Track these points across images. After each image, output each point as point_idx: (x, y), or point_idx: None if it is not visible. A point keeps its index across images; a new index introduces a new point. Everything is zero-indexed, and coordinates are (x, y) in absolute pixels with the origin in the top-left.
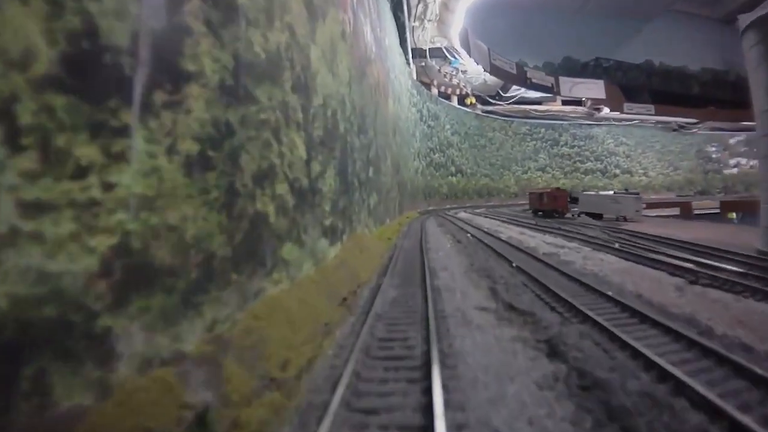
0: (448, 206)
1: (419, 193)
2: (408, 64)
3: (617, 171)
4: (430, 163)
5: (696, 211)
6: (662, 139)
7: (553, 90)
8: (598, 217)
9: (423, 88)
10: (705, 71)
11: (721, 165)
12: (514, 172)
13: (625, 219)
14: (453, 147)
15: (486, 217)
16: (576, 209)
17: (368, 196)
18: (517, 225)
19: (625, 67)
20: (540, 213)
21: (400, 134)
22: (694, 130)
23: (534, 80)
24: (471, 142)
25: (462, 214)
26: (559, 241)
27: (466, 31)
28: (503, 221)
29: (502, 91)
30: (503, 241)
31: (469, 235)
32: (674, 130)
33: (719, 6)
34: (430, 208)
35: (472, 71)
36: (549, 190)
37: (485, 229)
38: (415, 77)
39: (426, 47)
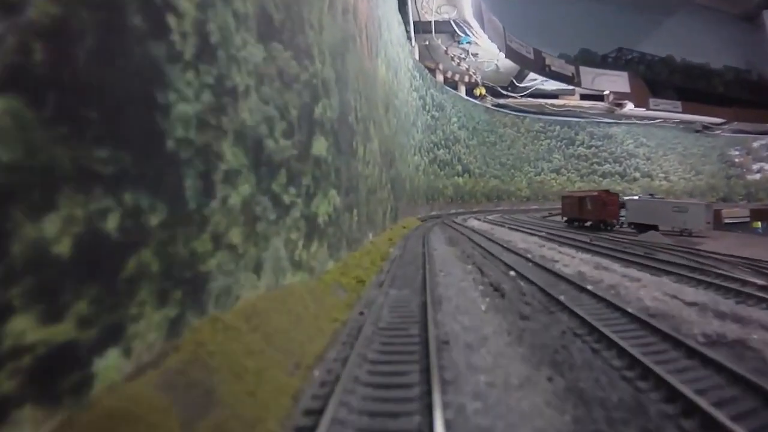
0: (453, 210)
1: (420, 194)
2: (409, 39)
3: (637, 174)
4: (433, 159)
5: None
6: (684, 140)
7: (573, 80)
8: (649, 229)
9: (426, 72)
10: (728, 69)
11: (744, 170)
12: (527, 174)
13: (690, 234)
14: (460, 143)
15: (509, 227)
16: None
17: (321, 194)
18: (562, 243)
19: (648, 60)
20: (577, 223)
21: (396, 116)
22: (718, 132)
23: (553, 68)
24: (480, 138)
25: (474, 222)
26: (684, 289)
27: (480, 3)
28: (539, 236)
29: (516, 80)
30: (588, 291)
31: (511, 272)
32: (697, 131)
33: (740, 2)
34: (433, 212)
35: (484, 54)
36: (595, 194)
37: (530, 255)
38: (417, 57)
39: (431, 18)
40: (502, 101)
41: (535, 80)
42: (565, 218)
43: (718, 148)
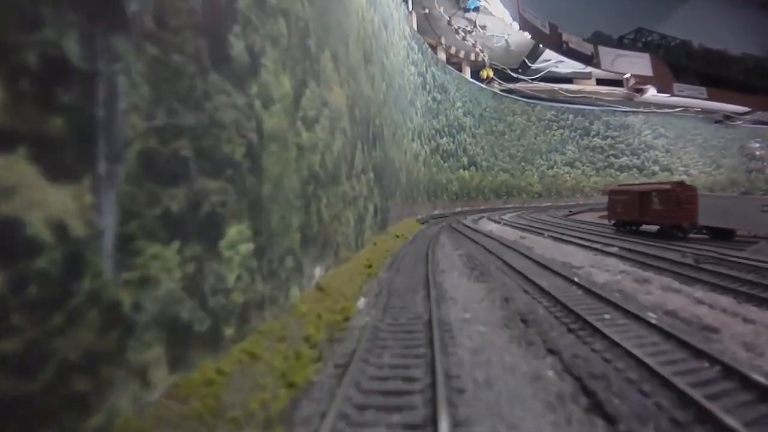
0: (459, 209)
1: (421, 190)
2: (405, 1)
3: (656, 168)
4: (435, 149)
5: None
6: (704, 131)
7: (592, 60)
8: (721, 234)
9: (426, 46)
10: (747, 57)
11: (765, 164)
12: (538, 167)
13: None
14: (465, 131)
15: (539, 233)
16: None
17: None
18: (650, 266)
19: (668, 43)
20: (631, 227)
21: (385, 79)
22: (738, 123)
23: (571, 45)
24: (487, 127)
25: (490, 226)
26: None
27: None
28: (599, 250)
29: (529, 60)
30: None
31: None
32: (717, 121)
33: None
34: (436, 212)
35: (493, 26)
36: (666, 187)
37: (652, 314)
38: (415, 27)
39: None
40: (511, 86)
41: (549, 60)
42: (612, 221)
43: (738, 140)
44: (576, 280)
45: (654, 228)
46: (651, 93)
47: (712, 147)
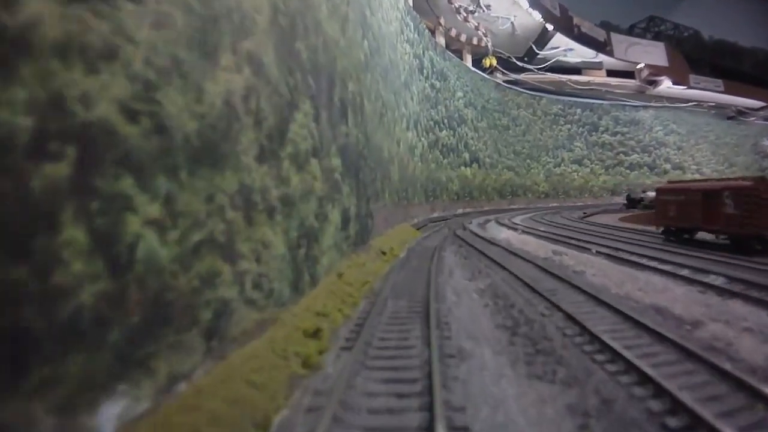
0: (460, 211)
1: (418, 189)
2: None
3: (667, 166)
4: (434, 143)
5: None
6: (716, 128)
7: (605, 47)
8: None
9: (423, 26)
10: (758, 50)
11: None
12: (544, 165)
13: None
14: (467, 124)
15: (569, 243)
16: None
17: None
18: None
19: (681, 33)
20: (687, 236)
21: (372, 46)
22: (752, 119)
23: (583, 29)
24: (490, 120)
25: (505, 234)
26: None
27: None
28: (689, 281)
29: (537, 46)
30: None
31: None
32: (729, 117)
33: None
34: (435, 214)
35: (498, 6)
36: (747, 184)
37: None
38: (411, 3)
39: None
40: (515, 77)
41: (557, 48)
42: (661, 228)
43: (751, 137)
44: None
45: (708, 236)
46: (666, 85)
47: (725, 144)
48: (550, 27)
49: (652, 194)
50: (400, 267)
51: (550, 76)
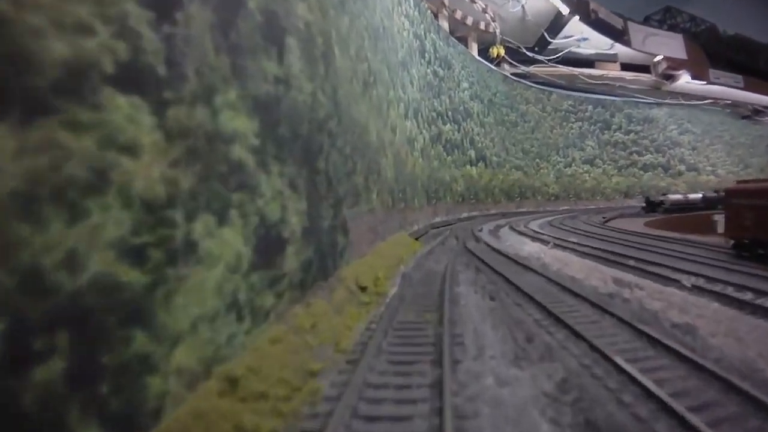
0: (465, 214)
1: (418, 189)
2: None
3: (682, 167)
4: (437, 137)
5: None
6: (731, 127)
7: (622, 36)
8: None
9: (425, 5)
10: None
11: None
12: (554, 164)
13: None
14: (472, 118)
15: (624, 265)
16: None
17: None
18: None
19: (697, 25)
20: (762, 251)
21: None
22: (766, 119)
23: (600, 15)
24: (497, 115)
25: (532, 249)
26: None
27: None
28: None
29: (549, 34)
30: None
31: None
32: (744, 117)
33: None
34: (438, 219)
35: None
36: None
37: None
38: None
39: None
40: (524, 69)
41: (571, 37)
42: (732, 240)
43: (765, 137)
44: None
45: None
46: (684, 80)
47: (740, 145)
48: (565, 11)
49: (674, 197)
50: (385, 326)
51: (561, 68)
